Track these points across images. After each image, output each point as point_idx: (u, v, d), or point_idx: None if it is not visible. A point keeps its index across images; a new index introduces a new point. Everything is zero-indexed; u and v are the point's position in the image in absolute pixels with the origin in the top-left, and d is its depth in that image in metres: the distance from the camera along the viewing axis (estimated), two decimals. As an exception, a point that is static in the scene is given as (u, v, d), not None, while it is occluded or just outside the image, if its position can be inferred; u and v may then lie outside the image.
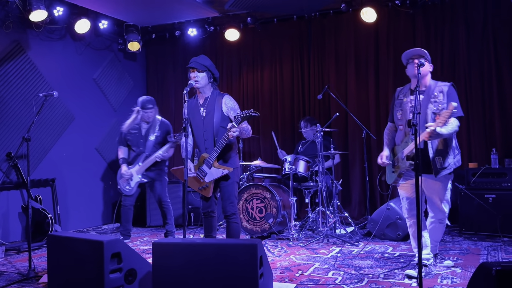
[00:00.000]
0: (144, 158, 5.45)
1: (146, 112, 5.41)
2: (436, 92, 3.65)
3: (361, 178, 6.72)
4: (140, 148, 5.48)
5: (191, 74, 3.99)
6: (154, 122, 5.52)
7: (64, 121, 6.57)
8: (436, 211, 3.83)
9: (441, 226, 3.90)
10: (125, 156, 5.58)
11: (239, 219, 4.10)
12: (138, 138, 5.50)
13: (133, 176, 5.46)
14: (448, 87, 3.65)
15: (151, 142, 5.48)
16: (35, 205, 5.57)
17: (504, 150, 5.85)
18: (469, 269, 3.92)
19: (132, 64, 7.92)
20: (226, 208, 4.03)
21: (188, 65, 4.01)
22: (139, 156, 5.48)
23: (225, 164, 4.01)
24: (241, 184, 6.07)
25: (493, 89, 6.01)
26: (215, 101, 4.03)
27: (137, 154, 5.50)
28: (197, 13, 6.89)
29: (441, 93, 3.63)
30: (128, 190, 5.50)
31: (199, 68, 3.96)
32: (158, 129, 5.50)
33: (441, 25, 6.31)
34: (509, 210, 5.11)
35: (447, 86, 3.66)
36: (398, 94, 3.93)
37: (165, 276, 3.04)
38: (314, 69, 7.10)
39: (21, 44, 6.01)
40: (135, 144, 5.51)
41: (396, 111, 3.88)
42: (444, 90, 3.63)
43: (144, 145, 5.48)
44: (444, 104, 3.57)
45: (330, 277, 3.85)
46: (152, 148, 5.47)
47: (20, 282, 3.91)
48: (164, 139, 5.48)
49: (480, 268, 2.55)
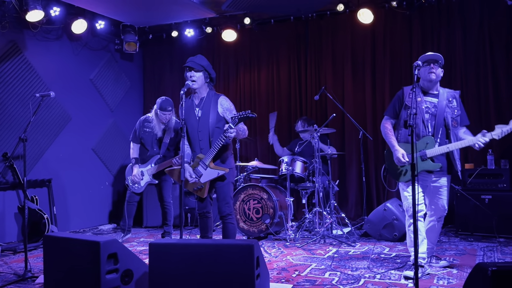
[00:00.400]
0: (158, 160, 5.49)
1: (165, 114, 5.40)
2: (450, 97, 3.89)
3: (357, 179, 6.73)
4: (155, 149, 5.52)
5: (187, 73, 3.97)
6: (169, 123, 5.53)
7: (60, 122, 6.55)
8: (438, 209, 3.93)
9: (439, 224, 3.99)
10: (137, 156, 5.58)
11: (235, 220, 4.09)
12: (153, 138, 5.51)
13: (144, 176, 5.48)
14: (459, 94, 3.96)
15: (166, 144, 5.52)
16: (32, 206, 5.55)
17: (500, 151, 5.87)
18: (465, 269, 3.93)
19: (129, 64, 7.91)
20: (221, 209, 4.02)
21: (185, 65, 3.98)
22: (152, 157, 5.51)
23: (221, 164, 4.00)
24: (238, 184, 6.08)
25: (489, 90, 6.04)
26: (210, 101, 4.01)
27: (151, 155, 5.53)
28: (194, 14, 6.89)
29: (454, 100, 3.89)
30: (137, 188, 5.53)
31: (196, 67, 3.94)
32: (173, 131, 5.53)
33: (438, 26, 6.33)
34: (505, 211, 5.14)
35: (457, 93, 3.96)
36: (407, 93, 3.93)
37: (162, 277, 3.04)
38: (311, 70, 7.11)
39: (17, 44, 6.00)
40: (149, 144, 5.53)
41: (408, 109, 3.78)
42: (457, 97, 3.92)
43: (159, 146, 5.51)
44: (458, 110, 3.87)
45: (326, 278, 3.85)
46: (166, 150, 5.53)
47: (16, 282, 3.90)
48: (179, 141, 5.48)
49: (476, 268, 2.55)
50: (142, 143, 5.57)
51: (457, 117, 3.86)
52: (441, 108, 3.82)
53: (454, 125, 3.85)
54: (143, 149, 5.58)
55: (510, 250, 4.66)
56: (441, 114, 3.82)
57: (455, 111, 3.86)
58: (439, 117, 3.81)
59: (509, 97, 5.92)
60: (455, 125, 3.86)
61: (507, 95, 5.95)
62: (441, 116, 3.82)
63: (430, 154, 3.77)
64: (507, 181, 5.26)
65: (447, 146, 3.74)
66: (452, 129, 3.84)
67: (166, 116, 5.42)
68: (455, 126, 3.86)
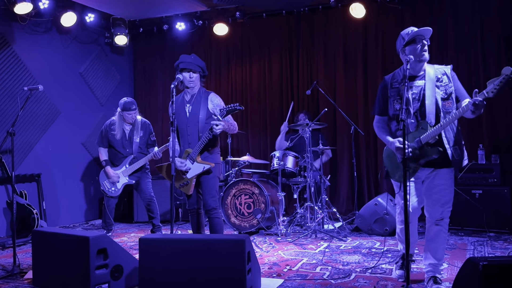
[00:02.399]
0: (131, 160, 5.48)
1: (130, 113, 5.42)
2: (438, 75, 3.29)
3: (349, 174, 6.73)
4: (127, 150, 5.51)
5: (185, 74, 4.03)
6: (136, 123, 5.53)
7: (49, 116, 6.48)
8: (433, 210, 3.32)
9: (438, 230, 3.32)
10: (107, 158, 5.56)
11: (221, 214, 4.11)
12: (122, 139, 5.48)
13: (120, 178, 5.45)
14: (450, 69, 3.34)
15: (137, 144, 5.52)
16: (20, 201, 5.49)
17: (491, 146, 5.90)
18: (456, 263, 3.94)
19: (119, 58, 7.84)
20: (207, 202, 4.02)
21: (183, 66, 4.03)
22: (126, 158, 5.50)
23: (208, 159, 4.05)
24: (230, 179, 6.06)
25: (480, 84, 6.05)
26: (201, 98, 4.09)
27: (124, 156, 5.51)
28: (185, 7, 6.83)
29: (445, 75, 3.29)
30: (113, 191, 5.51)
31: (194, 69, 4.03)
32: (141, 130, 5.54)
33: (429, 20, 6.32)
34: (495, 206, 5.16)
35: (448, 68, 3.34)
36: (391, 82, 3.44)
37: (152, 272, 3.02)
38: (303, 64, 7.09)
39: (5, 37, 5.91)
40: (120, 145, 5.51)
41: (393, 101, 3.40)
42: (448, 72, 3.31)
43: (130, 146, 5.50)
44: (452, 86, 3.26)
45: (318, 272, 3.85)
46: (138, 149, 5.54)
47: (5, 278, 3.85)
48: (147, 139, 5.59)
49: (467, 263, 2.56)
50: (112, 147, 5.55)
51: (451, 95, 3.25)
52: (429, 89, 3.25)
53: (449, 106, 3.23)
54: (114, 152, 5.55)
55: (500, 245, 4.69)
56: (431, 96, 3.23)
57: (447, 89, 3.25)
58: (429, 100, 3.23)
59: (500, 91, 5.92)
60: (450, 105, 3.24)
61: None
62: (430, 99, 3.23)
63: (425, 139, 3.17)
64: (498, 176, 5.29)
65: (440, 124, 3.13)
66: (447, 110, 3.22)
67: (131, 116, 5.44)
68: (450, 106, 3.23)
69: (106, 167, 5.50)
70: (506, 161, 5.65)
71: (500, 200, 5.16)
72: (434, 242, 3.33)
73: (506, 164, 5.64)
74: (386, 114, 3.49)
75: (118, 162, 5.53)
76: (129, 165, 5.49)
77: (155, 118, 7.73)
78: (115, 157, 5.55)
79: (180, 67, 4.04)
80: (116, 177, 5.46)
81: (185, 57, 4.07)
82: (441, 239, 3.32)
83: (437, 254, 3.33)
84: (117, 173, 5.47)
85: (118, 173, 5.48)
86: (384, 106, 3.49)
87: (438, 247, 3.32)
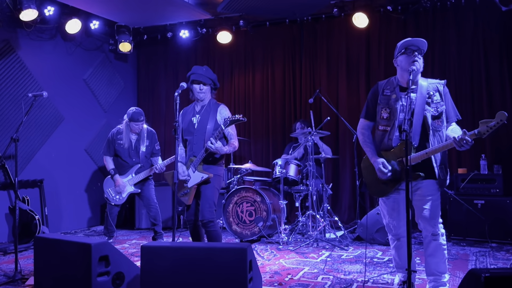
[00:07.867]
0: (138, 169, 5.51)
1: (138, 124, 5.45)
2: (431, 91, 3.20)
3: (351, 183, 6.73)
4: (133, 159, 5.53)
5: (196, 86, 4.04)
6: (142, 132, 5.56)
7: (53, 122, 6.51)
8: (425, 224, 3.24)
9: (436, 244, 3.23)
10: (114, 167, 5.56)
11: (217, 227, 4.01)
12: (128, 148, 5.50)
13: (126, 187, 5.46)
14: (444, 86, 3.26)
15: (143, 153, 5.54)
16: (23, 206, 5.50)
17: (493, 156, 5.89)
18: (457, 274, 3.94)
19: (123, 65, 7.88)
20: (204, 213, 3.92)
21: (195, 78, 4.03)
22: (132, 167, 5.52)
23: (209, 169, 4.00)
24: (231, 187, 6.06)
25: (482, 94, 6.06)
26: (210, 109, 4.08)
27: (131, 165, 5.53)
28: (189, 15, 6.87)
29: (437, 92, 3.21)
30: (118, 199, 5.52)
31: (205, 81, 4.03)
32: (147, 139, 5.57)
33: (432, 31, 6.35)
34: (497, 216, 5.15)
35: (441, 84, 3.26)
36: (382, 89, 3.37)
37: (153, 280, 3.01)
38: (306, 73, 7.11)
39: (10, 43, 5.95)
40: (126, 155, 5.52)
41: (381, 108, 3.32)
42: (440, 89, 3.23)
43: (137, 156, 5.52)
44: (443, 105, 3.19)
45: (319, 282, 3.84)
46: (144, 159, 5.55)
47: (6, 284, 3.85)
48: (153, 148, 5.61)
49: (469, 274, 2.55)
50: (118, 155, 5.56)
51: (442, 114, 3.18)
52: (419, 106, 3.15)
53: (439, 124, 3.18)
54: (120, 161, 5.56)
55: (502, 255, 4.68)
56: (419, 113, 3.13)
57: (439, 107, 3.17)
58: (416, 116, 3.13)
59: (503, 104, 5.93)
60: (440, 124, 3.18)
61: (501, 101, 5.97)
62: (419, 115, 3.13)
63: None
64: (500, 186, 5.28)
65: (425, 152, 3.07)
66: (437, 128, 3.17)
67: (138, 126, 5.46)
68: (440, 125, 3.18)
69: (115, 175, 5.49)
70: (508, 171, 5.65)
71: (502, 210, 5.15)
72: (434, 257, 3.26)
73: (509, 174, 5.63)
74: (373, 120, 3.42)
75: (123, 171, 5.54)
76: (135, 174, 5.51)
77: (158, 126, 7.74)
78: (121, 166, 5.56)
79: (191, 78, 4.05)
80: (123, 186, 5.47)
81: (197, 68, 4.08)
82: (440, 253, 3.24)
83: (439, 268, 3.25)
84: (124, 182, 5.48)
85: (125, 181, 5.50)
86: (372, 111, 3.41)
87: (438, 261, 3.25)
